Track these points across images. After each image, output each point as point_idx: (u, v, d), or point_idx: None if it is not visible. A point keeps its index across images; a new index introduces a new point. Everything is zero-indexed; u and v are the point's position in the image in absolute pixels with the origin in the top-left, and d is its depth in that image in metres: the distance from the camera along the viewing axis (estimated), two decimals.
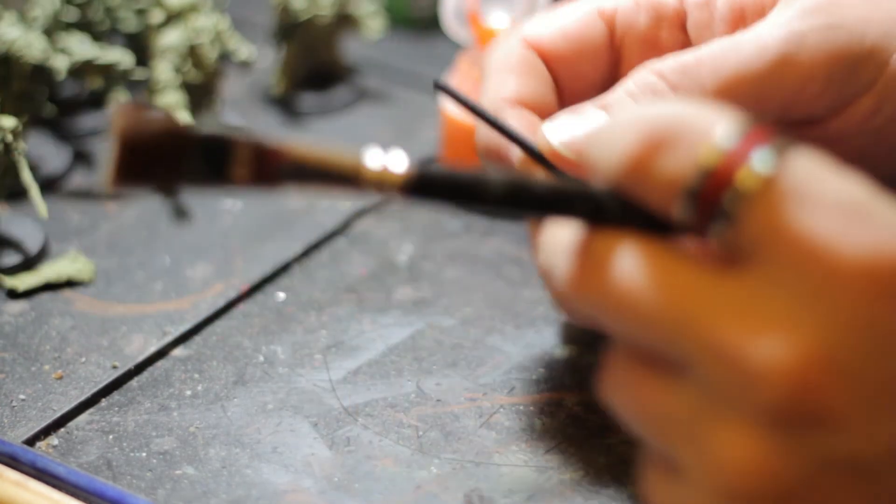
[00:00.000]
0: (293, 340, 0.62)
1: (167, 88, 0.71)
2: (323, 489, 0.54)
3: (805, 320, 0.37)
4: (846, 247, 0.37)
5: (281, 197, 0.72)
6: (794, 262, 0.37)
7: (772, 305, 0.38)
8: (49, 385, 0.59)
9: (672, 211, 0.39)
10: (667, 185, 0.39)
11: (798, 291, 0.37)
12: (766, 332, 0.37)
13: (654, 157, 0.39)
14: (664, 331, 0.39)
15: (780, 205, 0.38)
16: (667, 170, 0.39)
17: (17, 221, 0.68)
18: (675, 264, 0.39)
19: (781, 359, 0.37)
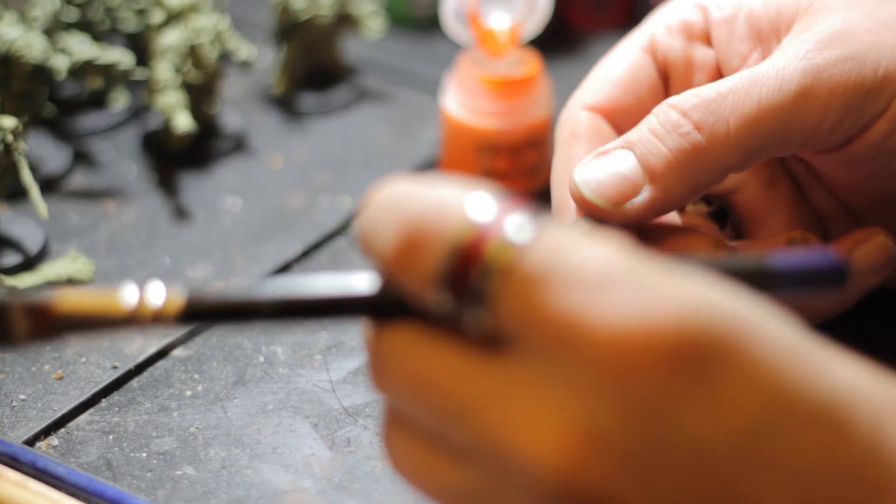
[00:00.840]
0: (293, 341, 0.62)
1: (167, 88, 0.71)
2: (323, 489, 0.54)
3: (564, 404, 0.36)
4: (596, 320, 0.35)
5: (281, 197, 0.72)
6: (549, 342, 0.36)
7: (534, 391, 0.36)
8: (49, 385, 0.59)
9: (429, 301, 0.38)
10: (423, 276, 0.37)
11: (555, 373, 0.36)
12: (528, 422, 0.36)
13: (410, 249, 0.38)
14: (440, 421, 0.38)
15: (530, 283, 0.36)
16: (421, 259, 0.37)
17: (18, 221, 0.68)
18: (441, 354, 0.38)
19: (546, 447, 0.36)
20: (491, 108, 0.69)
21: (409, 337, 0.39)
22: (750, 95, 0.52)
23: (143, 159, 0.75)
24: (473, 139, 0.70)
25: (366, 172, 0.74)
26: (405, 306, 0.39)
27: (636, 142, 0.53)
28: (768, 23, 0.56)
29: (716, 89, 0.53)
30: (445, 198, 0.38)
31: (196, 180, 0.73)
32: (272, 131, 0.78)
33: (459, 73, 0.70)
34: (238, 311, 0.40)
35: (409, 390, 0.39)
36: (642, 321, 0.35)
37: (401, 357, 0.39)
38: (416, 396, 0.39)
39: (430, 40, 0.86)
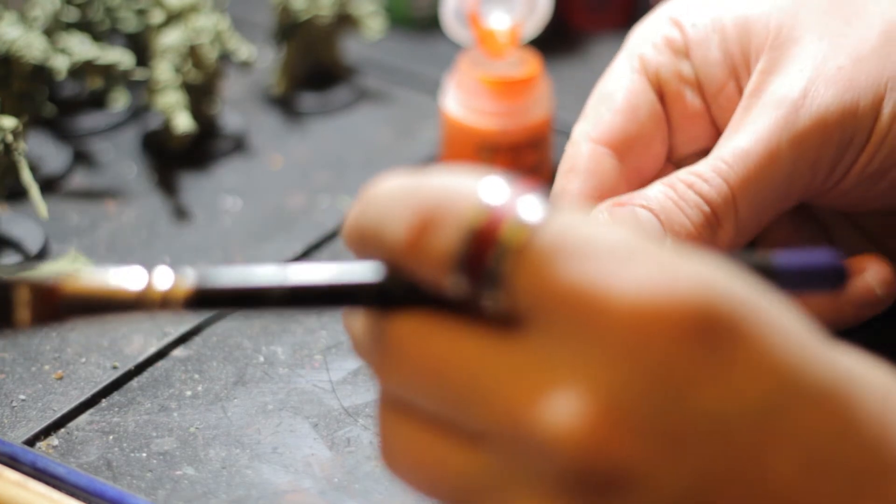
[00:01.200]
0: (293, 341, 0.62)
1: (167, 88, 0.71)
2: (323, 490, 0.54)
3: (583, 378, 0.36)
4: (614, 291, 0.36)
5: (281, 197, 0.72)
6: (566, 316, 0.36)
7: (552, 367, 0.36)
8: (49, 385, 0.59)
9: (445, 285, 0.38)
10: (438, 260, 0.38)
11: (575, 347, 0.36)
12: (549, 397, 0.36)
13: (424, 234, 0.38)
14: (453, 406, 0.38)
15: (546, 259, 0.36)
16: (436, 244, 0.38)
17: (18, 221, 0.68)
18: (456, 338, 0.38)
19: (567, 422, 0.36)
20: (491, 108, 0.69)
21: (421, 322, 0.38)
22: (746, 168, 0.55)
23: (143, 159, 0.75)
24: (473, 139, 0.70)
25: (366, 172, 0.74)
26: (414, 293, 0.39)
27: (660, 210, 0.55)
28: (739, 51, 0.57)
29: (723, 160, 0.55)
30: (457, 183, 0.38)
31: (196, 180, 0.73)
32: (272, 131, 0.78)
33: (459, 73, 0.70)
34: (246, 298, 0.40)
35: (420, 376, 0.38)
36: (660, 293, 0.36)
37: (412, 343, 0.38)
38: (428, 382, 0.38)
39: (430, 40, 0.86)
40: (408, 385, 0.39)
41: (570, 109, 0.71)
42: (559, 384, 0.36)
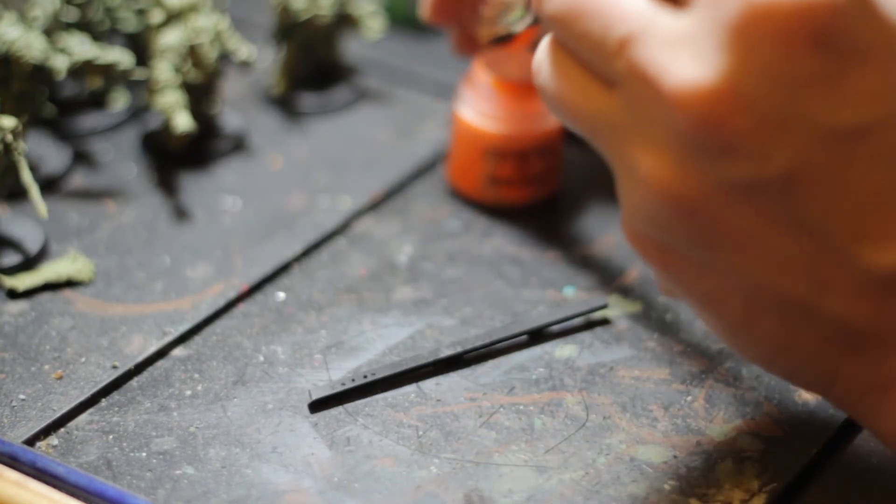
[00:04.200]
0: (293, 340, 0.62)
1: (167, 88, 0.72)
2: (323, 489, 0.54)
3: (722, 54, 0.42)
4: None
5: (281, 197, 0.72)
6: (719, 6, 0.42)
7: (696, 40, 0.43)
8: (49, 385, 0.59)
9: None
10: None
11: (720, 31, 0.42)
12: (687, 61, 0.43)
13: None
14: (601, 45, 0.45)
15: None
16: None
17: (17, 221, 0.68)
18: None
19: (695, 84, 0.42)
20: (500, 112, 0.69)
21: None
22: None
23: (143, 159, 0.75)
24: (480, 142, 0.70)
25: (366, 172, 0.74)
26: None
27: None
28: None
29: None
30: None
31: (196, 180, 0.73)
32: (272, 131, 0.78)
33: (472, 74, 0.70)
34: None
35: (564, 12, 0.46)
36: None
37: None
38: (578, 18, 0.46)
39: (430, 40, 0.86)
40: (559, 22, 0.47)
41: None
42: (697, 54, 0.43)
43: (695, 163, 0.44)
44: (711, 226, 0.45)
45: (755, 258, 0.45)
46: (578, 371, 0.60)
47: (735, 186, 0.44)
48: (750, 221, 0.44)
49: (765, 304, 0.47)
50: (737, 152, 0.43)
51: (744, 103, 0.42)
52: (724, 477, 0.54)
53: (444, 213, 0.71)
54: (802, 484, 0.55)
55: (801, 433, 0.56)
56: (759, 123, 0.42)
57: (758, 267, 0.45)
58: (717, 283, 0.47)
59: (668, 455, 0.55)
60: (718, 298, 0.47)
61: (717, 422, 0.57)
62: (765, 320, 0.47)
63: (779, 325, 0.47)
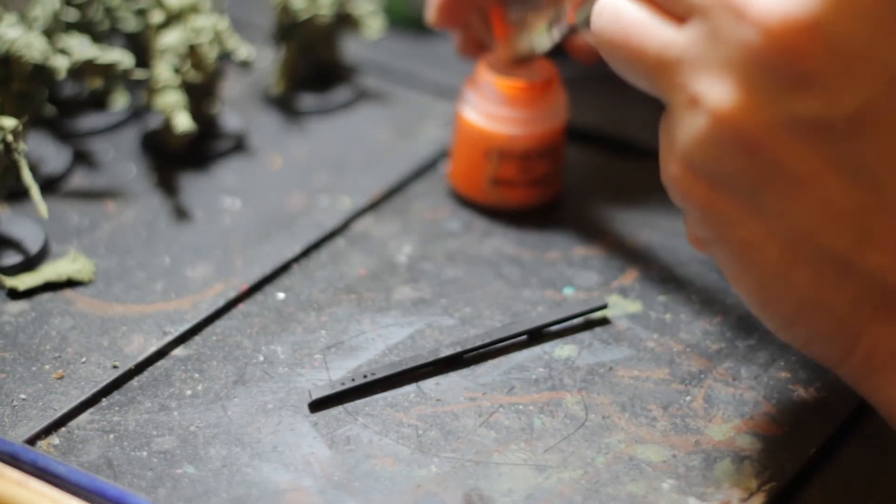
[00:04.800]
0: (293, 340, 0.62)
1: (167, 89, 0.72)
2: (323, 488, 0.54)
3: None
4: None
5: (281, 197, 0.72)
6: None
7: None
8: (50, 385, 0.59)
9: None
10: None
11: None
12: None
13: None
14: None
15: None
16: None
17: (18, 221, 0.68)
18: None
19: (780, 11, 0.43)
20: (503, 112, 0.69)
21: None
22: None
23: (143, 159, 0.75)
24: (482, 143, 0.70)
25: (366, 172, 0.74)
26: None
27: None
28: None
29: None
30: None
31: (196, 180, 0.73)
32: (272, 131, 0.78)
33: (476, 76, 0.70)
34: None
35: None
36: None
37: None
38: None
39: (429, 40, 0.86)
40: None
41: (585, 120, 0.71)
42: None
43: (767, 94, 0.45)
44: (770, 163, 0.45)
45: (806, 202, 0.46)
46: (578, 371, 0.60)
47: (802, 123, 0.45)
48: (809, 163, 0.45)
49: (804, 254, 0.47)
50: (811, 85, 0.44)
51: (825, 35, 0.43)
52: (723, 476, 0.54)
53: (444, 213, 0.71)
54: (801, 483, 0.55)
55: (799, 432, 0.57)
56: (837, 58, 0.43)
57: (807, 212, 0.46)
58: (760, 227, 0.47)
59: (667, 454, 0.55)
60: (756, 246, 0.47)
61: (715, 421, 0.57)
62: (799, 271, 0.47)
63: (813, 277, 0.47)
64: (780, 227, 0.47)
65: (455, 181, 0.72)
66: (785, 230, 0.47)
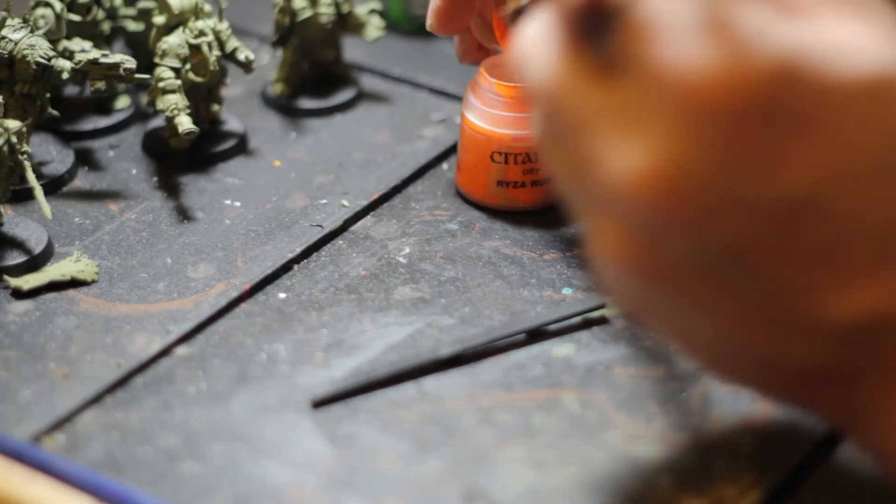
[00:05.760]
0: (294, 339, 0.62)
1: (168, 90, 0.72)
2: (324, 484, 0.54)
3: (655, 136, 0.42)
4: (692, 66, 0.41)
5: (281, 197, 0.72)
6: (653, 79, 0.42)
7: (634, 118, 0.43)
8: (54, 383, 0.59)
9: (567, 10, 0.45)
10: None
11: (655, 107, 0.42)
12: (629, 141, 0.43)
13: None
14: (563, 126, 0.45)
15: (647, 20, 0.42)
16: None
17: (22, 222, 0.68)
18: (574, 65, 0.45)
19: (637, 166, 0.42)
20: (505, 114, 0.69)
21: (547, 39, 0.46)
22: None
23: (145, 161, 0.75)
24: (486, 145, 0.70)
25: (366, 173, 0.74)
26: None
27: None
28: None
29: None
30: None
31: (197, 181, 0.74)
32: (272, 132, 0.78)
33: (478, 78, 0.70)
34: None
35: (540, 83, 0.46)
36: (732, 72, 0.41)
37: (537, 54, 0.46)
38: (546, 95, 0.46)
39: (429, 41, 0.87)
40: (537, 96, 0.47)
41: None
42: (635, 134, 0.43)
43: (646, 240, 0.44)
44: (670, 292, 0.45)
45: (717, 317, 0.46)
46: (576, 369, 0.60)
47: (685, 261, 0.44)
48: (706, 288, 0.45)
49: (735, 352, 0.47)
50: (679, 235, 0.43)
51: (678, 189, 0.42)
52: (719, 473, 0.55)
53: (444, 213, 0.71)
54: (797, 481, 0.55)
55: (795, 430, 0.57)
56: (696, 209, 0.42)
57: (721, 323, 0.46)
58: (689, 332, 0.48)
59: (664, 451, 0.56)
60: (692, 344, 0.48)
61: (712, 419, 0.58)
62: (738, 364, 0.48)
63: (748, 368, 0.48)
64: (703, 335, 0.47)
65: (461, 184, 0.72)
66: (709, 338, 0.47)
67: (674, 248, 0.44)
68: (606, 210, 0.45)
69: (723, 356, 0.48)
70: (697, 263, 0.44)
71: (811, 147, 0.42)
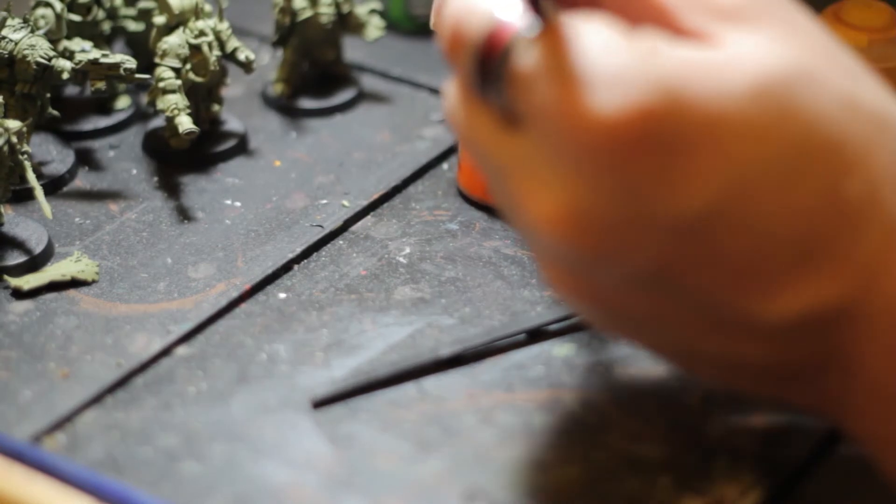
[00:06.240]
0: (295, 339, 0.62)
1: (169, 90, 0.72)
2: (324, 484, 0.54)
3: (559, 178, 0.45)
4: (579, 109, 0.43)
5: (281, 197, 0.72)
6: (545, 125, 0.44)
7: (538, 165, 0.45)
8: (54, 383, 0.60)
9: (465, 71, 0.47)
10: (463, 58, 0.47)
11: (553, 152, 0.45)
12: (534, 189, 0.45)
13: (455, 39, 0.47)
14: (489, 171, 0.48)
15: (535, 70, 0.44)
16: (462, 46, 0.47)
17: (22, 222, 0.68)
18: (482, 123, 0.47)
19: (545, 213, 0.45)
20: None
21: (460, 99, 0.48)
22: None
23: (145, 161, 0.75)
24: None
25: (366, 173, 0.74)
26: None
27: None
28: None
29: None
30: (477, 3, 0.47)
31: (197, 181, 0.74)
32: (272, 132, 0.78)
33: None
34: None
35: (464, 140, 0.49)
36: (615, 109, 0.43)
37: (456, 114, 0.49)
38: (468, 146, 0.49)
39: (429, 41, 0.87)
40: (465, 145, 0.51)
41: None
42: (544, 180, 0.45)
43: (577, 272, 0.47)
44: (619, 311, 0.48)
45: (668, 327, 0.48)
46: (576, 369, 0.61)
47: (620, 284, 0.46)
48: (648, 305, 0.47)
49: (696, 355, 0.49)
50: (602, 264, 0.45)
51: (587, 223, 0.45)
52: (720, 473, 0.55)
53: (444, 213, 0.71)
54: (797, 481, 0.55)
55: (796, 430, 0.57)
56: (608, 237, 0.45)
57: (673, 332, 0.48)
58: (650, 340, 0.50)
59: (665, 451, 0.56)
60: (657, 350, 0.51)
61: (713, 419, 0.58)
62: (702, 365, 0.50)
63: (715, 367, 0.49)
64: (662, 342, 0.49)
65: (462, 183, 0.72)
66: (668, 344, 0.49)
67: (600, 275, 0.46)
68: (535, 246, 0.48)
69: (685, 360, 0.50)
70: (628, 286, 0.46)
71: (700, 167, 0.43)
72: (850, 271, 0.45)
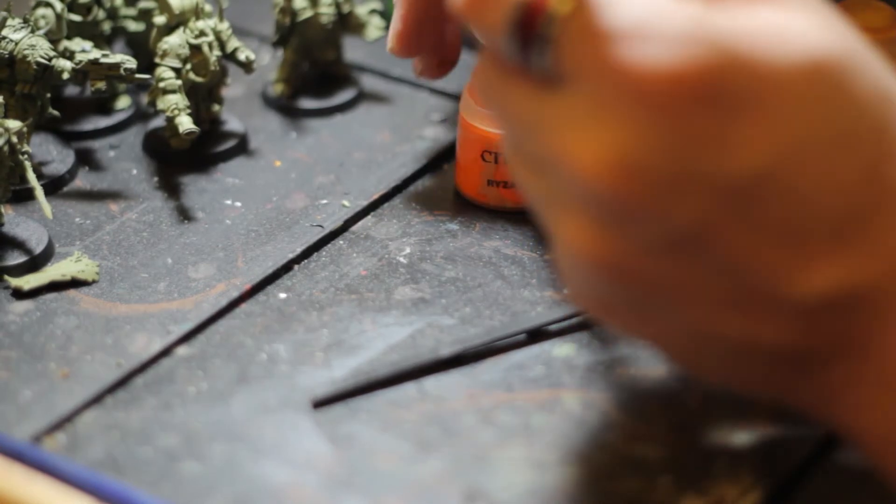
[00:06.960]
0: (295, 339, 0.62)
1: (169, 90, 0.72)
2: (324, 484, 0.55)
3: (608, 129, 0.45)
4: (637, 61, 0.44)
5: (281, 197, 0.72)
6: (599, 79, 0.45)
7: (584, 117, 0.45)
8: (55, 383, 0.60)
9: (500, 36, 0.47)
10: (494, 24, 0.47)
11: (603, 105, 0.45)
12: (580, 139, 0.45)
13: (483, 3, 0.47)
14: (519, 137, 0.49)
15: (584, 30, 0.45)
16: (493, 10, 0.47)
17: (22, 222, 0.68)
18: (515, 86, 0.48)
19: (591, 162, 0.45)
20: None
21: (491, 66, 0.49)
22: None
23: (146, 161, 0.75)
24: (478, 144, 0.70)
25: (366, 173, 0.74)
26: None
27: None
28: None
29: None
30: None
31: (197, 181, 0.74)
32: (272, 132, 0.78)
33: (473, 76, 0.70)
34: None
35: (495, 108, 0.50)
36: (675, 63, 0.44)
37: (485, 82, 0.49)
38: (500, 114, 0.50)
39: None
40: (495, 116, 0.51)
41: None
42: (590, 130, 0.45)
43: (611, 229, 0.46)
44: (640, 282, 0.47)
45: (687, 303, 0.48)
46: (576, 369, 0.61)
47: (651, 246, 0.46)
48: (674, 273, 0.47)
49: (707, 340, 0.49)
50: (642, 218, 0.45)
51: (636, 172, 0.45)
52: (720, 473, 0.55)
53: (444, 213, 0.71)
54: (798, 480, 0.55)
55: (796, 430, 0.57)
56: (655, 189, 0.45)
57: (691, 310, 0.48)
58: (660, 326, 0.49)
59: (665, 451, 0.56)
60: (664, 340, 0.50)
61: (713, 418, 0.58)
62: (710, 354, 0.50)
63: (724, 357, 0.49)
64: (676, 324, 0.49)
65: (458, 183, 0.72)
66: (682, 326, 0.49)
67: (637, 232, 0.46)
68: (570, 204, 0.47)
69: (694, 349, 0.50)
70: (661, 248, 0.46)
71: (757, 129, 0.44)
72: (882, 255, 0.46)
